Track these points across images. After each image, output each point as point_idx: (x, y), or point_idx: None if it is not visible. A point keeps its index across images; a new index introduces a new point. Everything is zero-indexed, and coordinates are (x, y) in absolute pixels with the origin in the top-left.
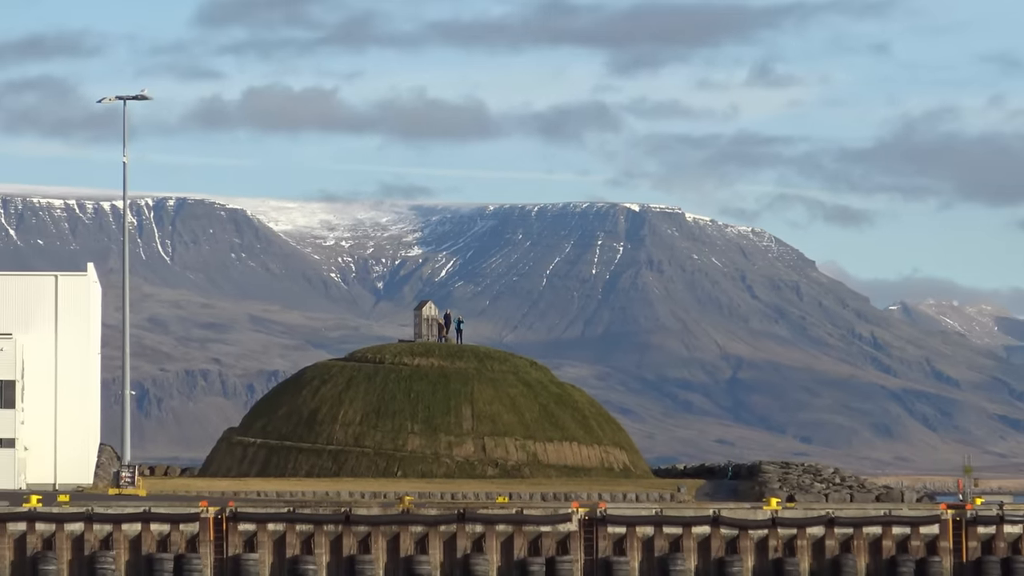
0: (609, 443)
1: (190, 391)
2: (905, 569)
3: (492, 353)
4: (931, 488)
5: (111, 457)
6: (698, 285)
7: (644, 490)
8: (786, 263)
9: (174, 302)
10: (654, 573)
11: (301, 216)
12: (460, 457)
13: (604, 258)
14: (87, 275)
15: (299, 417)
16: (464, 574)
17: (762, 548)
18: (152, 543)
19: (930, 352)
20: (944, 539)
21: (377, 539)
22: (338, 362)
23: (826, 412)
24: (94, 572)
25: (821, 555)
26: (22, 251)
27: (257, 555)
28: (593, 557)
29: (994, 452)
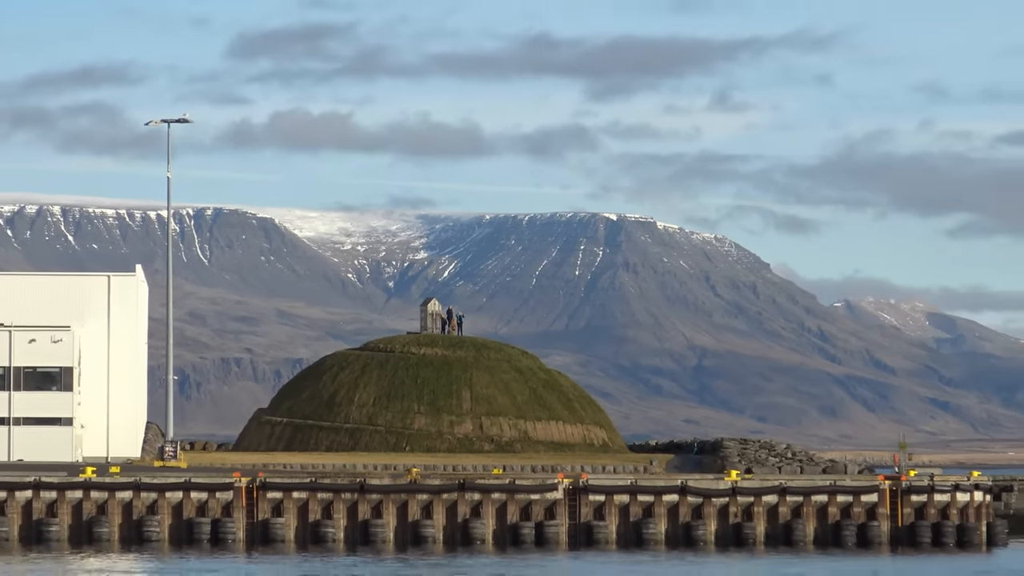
0: (590, 422)
1: (225, 376)
2: (848, 533)
3: (488, 344)
4: (870, 462)
5: (156, 434)
6: (668, 285)
7: (620, 463)
8: (744, 266)
9: (211, 299)
10: (629, 536)
11: (322, 224)
12: (460, 434)
13: (586, 261)
14: (135, 275)
15: (320, 399)
16: (464, 537)
17: (723, 514)
18: (192, 509)
19: (869, 343)
20: (882, 506)
21: (388, 506)
22: (354, 351)
23: (779, 395)
24: (141, 535)
25: (775, 520)
26: (79, 255)
27: (283, 519)
28: (576, 522)
29: (925, 431)
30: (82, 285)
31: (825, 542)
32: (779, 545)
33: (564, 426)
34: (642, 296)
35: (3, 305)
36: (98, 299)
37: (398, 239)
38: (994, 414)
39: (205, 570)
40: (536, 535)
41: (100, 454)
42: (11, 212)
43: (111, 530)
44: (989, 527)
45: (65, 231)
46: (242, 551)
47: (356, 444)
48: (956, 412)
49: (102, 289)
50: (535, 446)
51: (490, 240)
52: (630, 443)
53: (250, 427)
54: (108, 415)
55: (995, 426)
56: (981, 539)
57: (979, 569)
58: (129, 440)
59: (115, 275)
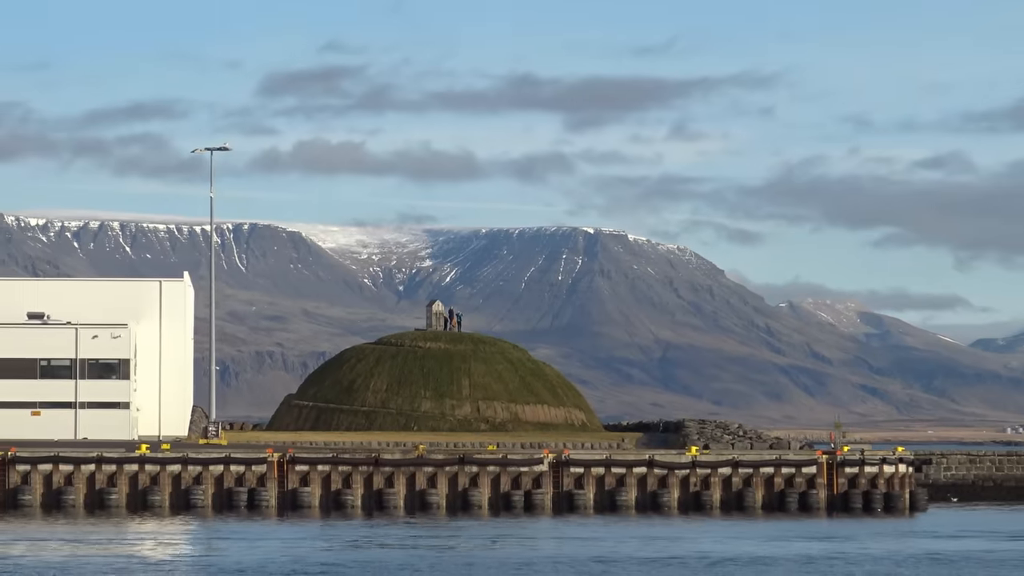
0: (571, 405)
1: (259, 367)
2: (791, 499)
3: (484, 339)
4: (810, 439)
5: (201, 416)
6: (637, 288)
7: (597, 440)
8: (702, 272)
9: (248, 300)
10: (604, 502)
11: (342, 237)
12: (460, 416)
13: (567, 268)
14: (183, 281)
15: (340, 386)
16: (463, 503)
17: (685, 484)
18: (231, 480)
19: (809, 338)
20: (820, 477)
21: (399, 477)
22: (369, 345)
23: (732, 382)
24: (188, 502)
25: (729, 489)
26: (135, 263)
27: (309, 489)
28: (559, 490)
29: (856, 412)
30: (138, 289)
31: (771, 507)
32: (732, 510)
33: (549, 409)
34: (615, 298)
35: (71, 306)
36: (151, 301)
37: (406, 250)
38: (915, 398)
39: (242, 532)
40: (525, 502)
41: (153, 433)
42: (77, 227)
43: (162, 498)
44: (911, 495)
45: (123, 243)
46: (274, 516)
47: (371, 424)
48: (883, 396)
49: (155, 293)
50: (524, 426)
51: (485, 250)
52: (605, 423)
53: (281, 410)
54: (159, 400)
55: (916, 408)
56: (905, 505)
57: (903, 530)
58: (178, 421)
59: (166, 281)
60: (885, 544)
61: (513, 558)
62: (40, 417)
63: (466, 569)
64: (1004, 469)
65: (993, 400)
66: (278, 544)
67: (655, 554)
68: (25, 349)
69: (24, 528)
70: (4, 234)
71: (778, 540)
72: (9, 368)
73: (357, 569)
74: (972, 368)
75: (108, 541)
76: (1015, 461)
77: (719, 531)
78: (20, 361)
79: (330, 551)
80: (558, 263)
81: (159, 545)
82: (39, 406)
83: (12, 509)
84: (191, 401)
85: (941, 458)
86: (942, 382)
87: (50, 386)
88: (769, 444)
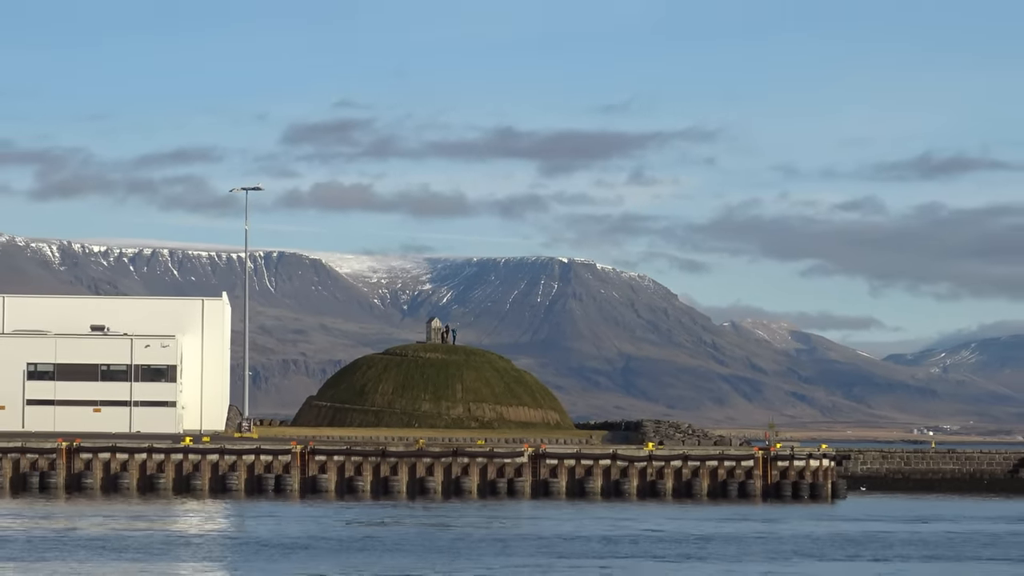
0: (547, 407)
1: (285, 372)
2: (732, 488)
3: (474, 350)
4: (748, 437)
5: (236, 413)
6: (604, 309)
7: (569, 437)
8: (658, 296)
9: (276, 317)
10: (575, 489)
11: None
12: (454, 415)
13: (545, 292)
14: (222, 300)
15: (353, 389)
16: (456, 488)
17: (643, 474)
18: (261, 467)
19: (748, 352)
20: (757, 469)
21: (402, 466)
22: (378, 355)
23: (683, 389)
24: (225, 486)
25: (679, 478)
26: (181, 284)
27: (327, 475)
28: (537, 479)
29: (787, 415)
30: (183, 306)
31: (715, 494)
32: (682, 496)
33: (529, 410)
34: (585, 317)
35: (127, 320)
36: (195, 316)
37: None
38: (837, 403)
39: (269, 511)
40: (508, 488)
41: (195, 427)
42: (133, 253)
43: (203, 482)
44: (833, 485)
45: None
46: (297, 498)
47: (379, 422)
48: (810, 402)
49: (197, 309)
50: (508, 424)
51: (476, 276)
52: (576, 423)
53: (303, 409)
54: (201, 399)
55: (837, 412)
56: (827, 493)
57: (825, 514)
58: (216, 417)
59: (207, 299)
60: (809, 525)
61: (494, 535)
62: (100, 414)
63: (455, 542)
64: (911, 464)
65: (902, 406)
66: (299, 522)
67: (615, 532)
68: (88, 356)
69: (87, 507)
70: (71, 259)
71: (719, 521)
72: (75, 372)
73: (362, 542)
74: (885, 379)
75: (156, 518)
76: (920, 457)
77: (670, 513)
78: (84, 366)
79: (342, 528)
80: (537, 287)
81: (200, 522)
82: (100, 404)
83: (76, 491)
84: (227, 401)
85: (858, 454)
86: (859, 390)
87: (109, 387)
88: (714, 441)
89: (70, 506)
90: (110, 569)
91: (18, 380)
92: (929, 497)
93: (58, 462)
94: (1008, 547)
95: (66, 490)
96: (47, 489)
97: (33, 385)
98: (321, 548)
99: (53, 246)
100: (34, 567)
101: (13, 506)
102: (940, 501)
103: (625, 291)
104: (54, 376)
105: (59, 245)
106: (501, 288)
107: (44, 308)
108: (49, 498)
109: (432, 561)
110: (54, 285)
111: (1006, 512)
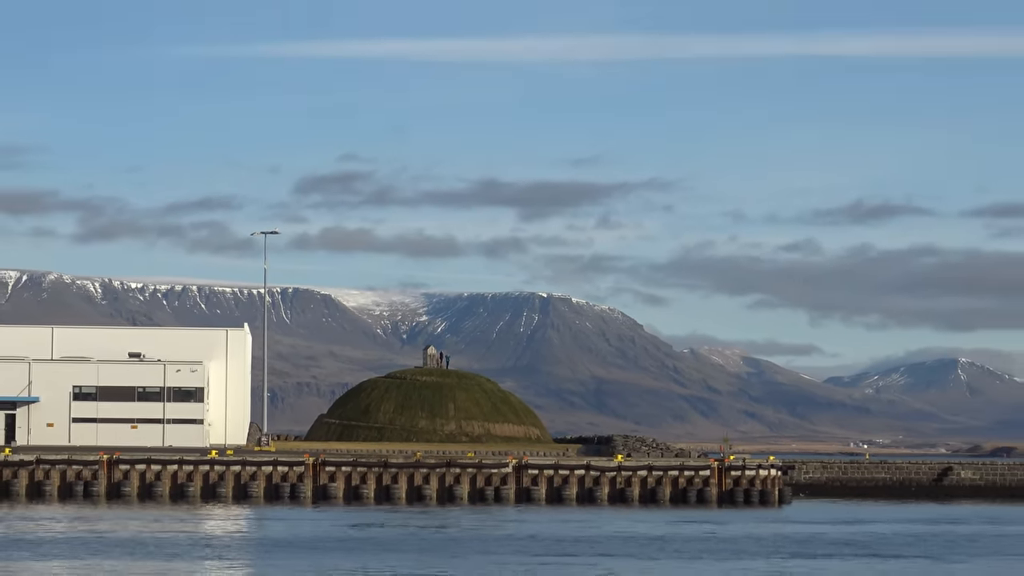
0: (529, 424)
1: (299, 393)
2: (691, 494)
3: (465, 374)
4: (705, 450)
5: (256, 429)
6: (578, 338)
7: (548, 450)
8: (626, 326)
9: (291, 345)
10: (553, 495)
11: (361, 298)
12: (447, 431)
13: (527, 323)
14: (243, 330)
15: (359, 408)
16: (450, 495)
17: (613, 482)
18: (278, 477)
19: (705, 375)
20: (713, 478)
21: (402, 475)
22: (381, 378)
23: (648, 408)
24: (246, 493)
25: (645, 486)
26: (208, 317)
27: (335, 484)
28: (520, 487)
29: (740, 430)
30: (210, 336)
31: (677, 500)
32: (647, 502)
33: (513, 426)
34: (562, 345)
35: (161, 348)
36: (220, 345)
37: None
38: (783, 420)
39: (285, 516)
40: (495, 495)
41: (220, 442)
42: (165, 289)
43: (227, 490)
44: (780, 492)
45: (199, 302)
46: (309, 504)
47: (381, 437)
48: (759, 419)
49: (222, 339)
50: (494, 439)
51: (466, 309)
52: (554, 438)
53: (315, 426)
54: (225, 417)
55: (783, 427)
56: (775, 499)
57: (773, 518)
58: (238, 433)
59: (231, 329)
60: (758, 527)
61: (483, 536)
62: (137, 430)
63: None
64: (848, 473)
65: (840, 422)
66: (310, 524)
67: (588, 534)
68: (126, 379)
69: (125, 512)
70: (111, 294)
71: (679, 523)
72: (114, 393)
73: (363, 543)
74: (824, 398)
75: (186, 521)
76: (856, 467)
77: (636, 517)
78: (123, 388)
79: (348, 530)
80: (520, 319)
81: (224, 525)
82: (136, 422)
83: (116, 498)
84: (248, 418)
85: (801, 465)
86: (802, 408)
87: (144, 407)
88: (675, 453)
89: (110, 511)
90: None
91: (65, 401)
92: (864, 503)
93: (100, 473)
94: (929, 546)
95: (107, 497)
96: (90, 496)
97: (78, 405)
98: (329, 547)
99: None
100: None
101: (60, 511)
102: (873, 506)
103: (597, 322)
104: (96, 397)
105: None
106: (488, 319)
107: (88, 338)
108: (92, 505)
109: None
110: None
111: (930, 515)
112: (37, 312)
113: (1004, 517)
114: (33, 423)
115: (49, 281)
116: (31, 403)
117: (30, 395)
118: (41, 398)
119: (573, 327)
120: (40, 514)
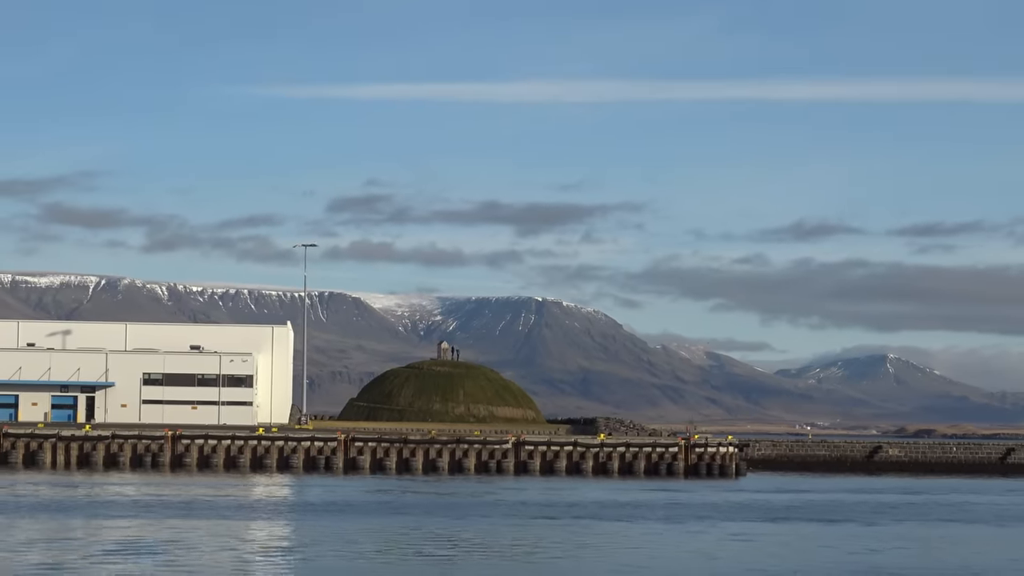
0: (526, 408)
1: (333, 380)
2: (662, 468)
3: (473, 365)
4: (674, 431)
5: (296, 410)
6: (568, 336)
7: (542, 429)
8: (608, 325)
9: (327, 339)
10: (546, 468)
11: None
12: (457, 413)
13: (525, 322)
14: (287, 327)
15: (383, 394)
16: (459, 468)
17: (596, 457)
18: (315, 451)
19: (675, 367)
20: (680, 454)
21: (419, 450)
22: (402, 368)
23: (626, 394)
24: (288, 464)
25: (623, 460)
26: (257, 316)
27: (364, 457)
28: (518, 460)
29: (703, 414)
30: (258, 331)
31: (650, 472)
32: (625, 474)
33: (513, 409)
34: (555, 341)
35: (217, 342)
36: (267, 339)
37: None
38: (740, 406)
39: (320, 483)
40: (497, 467)
41: (266, 421)
42: (221, 292)
43: (271, 462)
44: (736, 466)
45: (250, 303)
46: (341, 474)
47: (402, 417)
48: (720, 404)
49: (268, 334)
50: (497, 420)
51: (474, 311)
52: (548, 419)
53: (346, 408)
54: (271, 400)
55: (740, 412)
56: (732, 472)
57: (730, 488)
58: (282, 413)
59: (276, 326)
60: (717, 495)
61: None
62: (196, 410)
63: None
64: (794, 450)
65: (788, 407)
66: (342, 490)
67: (573, 499)
68: (188, 367)
69: (185, 479)
70: (176, 296)
71: (652, 491)
72: (178, 379)
73: (383, 506)
74: (775, 388)
75: (237, 487)
76: (800, 445)
77: (616, 486)
78: (185, 375)
79: (373, 494)
80: (519, 319)
81: (269, 490)
82: (196, 403)
83: (179, 468)
84: (290, 401)
85: (755, 443)
86: (756, 395)
87: (203, 391)
88: (648, 433)
89: (174, 479)
90: (202, 522)
91: (136, 385)
92: (807, 475)
93: (165, 446)
94: (860, 513)
95: (171, 467)
96: (157, 466)
97: (147, 389)
98: (358, 510)
99: (162, 287)
100: (148, 522)
101: (132, 477)
102: (815, 478)
103: (583, 322)
104: (163, 382)
105: (167, 286)
106: (493, 319)
107: (156, 333)
108: (158, 473)
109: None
110: (163, 316)
111: (862, 487)
112: (113, 311)
113: (923, 488)
114: (109, 404)
115: (123, 285)
116: (108, 387)
117: (107, 380)
118: (116, 383)
119: (563, 326)
120: (115, 481)
